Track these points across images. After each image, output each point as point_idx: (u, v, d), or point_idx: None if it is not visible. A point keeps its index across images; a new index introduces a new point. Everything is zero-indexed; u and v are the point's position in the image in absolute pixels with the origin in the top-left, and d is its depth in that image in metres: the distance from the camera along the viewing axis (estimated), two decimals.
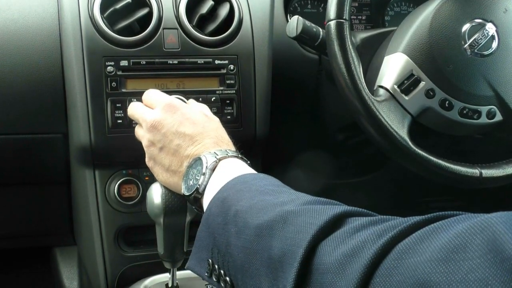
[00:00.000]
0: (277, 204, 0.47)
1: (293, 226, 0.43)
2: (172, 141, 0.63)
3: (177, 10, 0.82)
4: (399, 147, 0.72)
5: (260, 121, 0.86)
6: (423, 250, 0.32)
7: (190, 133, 0.63)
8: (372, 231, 0.38)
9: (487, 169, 0.75)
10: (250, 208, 0.48)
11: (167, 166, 0.64)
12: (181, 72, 0.82)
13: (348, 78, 0.71)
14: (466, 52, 0.73)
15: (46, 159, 0.89)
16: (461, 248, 0.30)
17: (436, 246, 0.32)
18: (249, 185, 0.53)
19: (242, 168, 0.59)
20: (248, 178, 0.55)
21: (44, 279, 1.20)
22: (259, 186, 0.52)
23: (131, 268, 0.87)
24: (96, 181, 0.84)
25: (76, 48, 0.78)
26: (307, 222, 0.42)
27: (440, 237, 0.32)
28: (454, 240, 0.31)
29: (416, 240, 0.34)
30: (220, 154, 0.60)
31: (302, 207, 0.44)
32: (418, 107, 0.74)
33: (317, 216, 0.42)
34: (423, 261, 0.31)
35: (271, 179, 0.56)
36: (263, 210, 0.47)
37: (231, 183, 0.55)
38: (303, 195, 0.49)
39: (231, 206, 0.51)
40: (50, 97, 0.82)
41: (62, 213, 0.99)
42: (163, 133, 0.64)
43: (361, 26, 1.07)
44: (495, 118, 0.77)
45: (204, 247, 0.53)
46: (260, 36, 0.86)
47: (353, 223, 0.40)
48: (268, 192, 0.50)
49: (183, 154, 0.63)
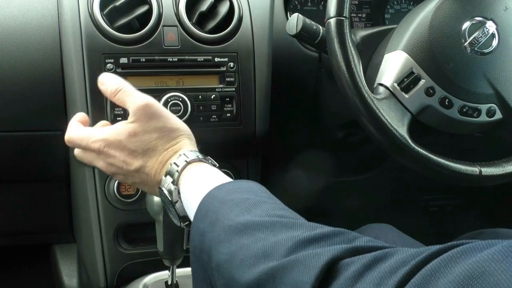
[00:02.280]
0: (258, 255, 0.44)
1: (284, 285, 0.40)
2: (132, 178, 0.65)
3: (177, 8, 0.82)
4: (399, 145, 0.72)
5: (259, 119, 0.86)
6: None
7: (137, 165, 0.63)
8: (369, 281, 0.36)
9: (486, 167, 0.75)
10: (230, 259, 0.46)
11: (137, 183, 0.66)
12: (180, 70, 0.82)
13: (348, 75, 0.71)
14: (466, 50, 0.73)
15: (45, 156, 0.89)
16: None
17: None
18: (221, 217, 0.50)
19: (206, 177, 0.58)
20: (217, 201, 0.53)
21: (43, 277, 1.20)
22: (233, 217, 0.49)
23: (130, 265, 0.87)
24: (95, 179, 0.84)
25: (75, 46, 0.78)
26: (298, 280, 0.39)
27: (438, 285, 0.31)
28: (451, 287, 0.30)
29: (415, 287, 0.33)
30: (180, 164, 0.60)
31: (286, 261, 0.41)
32: (418, 105, 0.74)
33: (306, 270, 0.39)
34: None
35: (240, 193, 0.53)
36: (246, 264, 0.44)
37: (204, 209, 0.53)
38: (284, 230, 0.45)
39: (211, 249, 0.49)
40: (49, 95, 0.82)
41: (62, 211, 0.99)
42: (111, 163, 0.65)
43: (361, 24, 1.07)
44: (495, 116, 0.77)
45: (201, 280, 0.52)
46: (260, 33, 0.86)
47: (347, 271, 0.38)
48: (243, 232, 0.47)
49: (144, 174, 0.63)
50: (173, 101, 0.80)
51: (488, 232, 0.87)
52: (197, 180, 0.58)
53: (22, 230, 1.04)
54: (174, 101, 0.80)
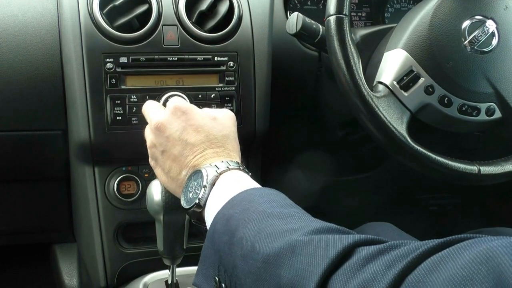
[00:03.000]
0: (286, 231, 0.46)
1: (302, 257, 0.42)
2: (173, 147, 0.62)
3: (176, 7, 0.82)
4: (398, 143, 0.72)
5: (259, 118, 0.86)
6: (433, 283, 0.33)
7: (192, 142, 0.62)
8: (381, 262, 0.38)
9: (485, 166, 0.75)
10: (257, 232, 0.48)
11: (166, 170, 0.64)
12: (180, 69, 0.82)
13: (348, 74, 0.71)
14: (466, 49, 0.73)
15: (45, 156, 0.89)
16: (469, 280, 0.31)
17: (445, 278, 0.33)
18: (255, 205, 0.52)
19: (244, 182, 0.58)
20: (253, 195, 0.54)
21: (43, 276, 1.20)
22: (266, 207, 0.51)
23: (130, 264, 0.87)
24: (95, 178, 0.84)
25: (75, 45, 0.78)
26: (317, 254, 0.41)
27: (447, 268, 0.33)
28: (461, 271, 0.32)
29: (425, 272, 0.35)
30: (221, 168, 0.59)
31: (311, 237, 0.44)
32: (417, 103, 0.74)
33: (327, 247, 0.42)
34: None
35: (277, 195, 0.55)
36: (271, 236, 0.46)
37: (236, 200, 0.54)
38: (312, 221, 0.48)
39: (238, 227, 0.50)
40: (49, 94, 0.82)
41: (62, 210, 0.99)
42: (166, 136, 0.63)
43: (361, 23, 1.07)
44: (494, 115, 0.77)
45: (210, 265, 0.52)
46: (260, 32, 0.86)
47: (362, 252, 0.40)
48: (276, 215, 0.49)
49: (183, 163, 0.62)
50: None
51: (488, 231, 0.87)
52: (235, 181, 0.58)
53: (22, 229, 1.04)
54: None
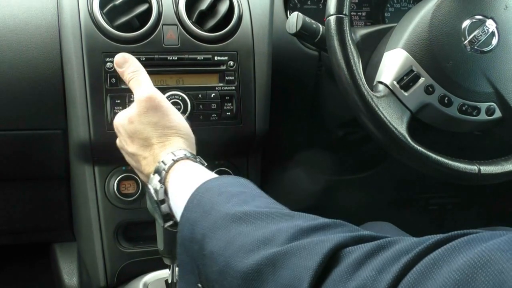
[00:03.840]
0: (259, 241, 0.42)
1: (285, 270, 0.39)
2: (134, 150, 0.66)
3: (176, 6, 0.82)
4: (398, 143, 0.72)
5: (259, 117, 0.86)
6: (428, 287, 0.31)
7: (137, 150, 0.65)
8: (372, 267, 0.35)
9: (485, 165, 0.75)
10: (228, 244, 0.44)
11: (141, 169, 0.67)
12: (180, 69, 0.82)
13: (348, 73, 0.71)
14: (466, 49, 0.73)
15: (45, 155, 0.89)
16: (465, 284, 0.29)
17: (440, 283, 0.30)
18: (216, 207, 0.48)
19: (196, 173, 0.57)
20: (211, 193, 0.51)
21: (43, 275, 1.20)
22: (229, 208, 0.47)
23: (130, 264, 0.87)
24: (95, 177, 0.84)
25: (75, 44, 0.78)
26: (300, 266, 0.38)
27: (441, 273, 0.31)
28: (455, 275, 0.30)
29: (418, 276, 0.32)
30: (167, 163, 0.59)
31: (289, 247, 0.40)
32: (418, 103, 0.74)
33: (310, 256, 0.38)
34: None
35: (233, 186, 0.52)
36: (244, 250, 0.42)
37: (196, 199, 0.51)
38: (281, 220, 0.44)
39: (205, 237, 0.46)
40: (49, 93, 0.82)
41: (62, 209, 0.99)
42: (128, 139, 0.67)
43: (361, 22, 1.07)
44: (494, 115, 0.77)
45: (190, 272, 0.50)
46: (260, 32, 0.86)
47: (350, 257, 0.37)
48: (242, 220, 0.45)
49: (143, 165, 0.65)
50: (173, 99, 0.80)
51: None
52: (186, 177, 0.58)
53: (22, 228, 1.04)
54: (174, 99, 0.80)
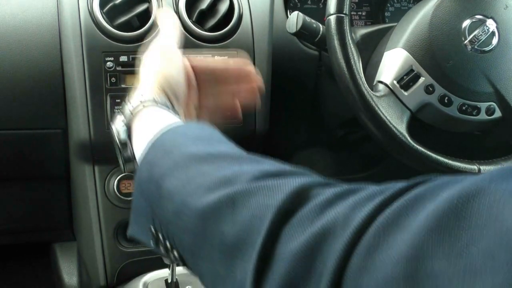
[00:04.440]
0: (221, 181, 0.39)
1: (245, 209, 0.36)
2: None
3: (176, 6, 0.82)
4: (398, 143, 0.72)
5: (259, 117, 0.86)
6: (409, 223, 0.27)
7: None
8: (343, 206, 0.31)
9: (485, 165, 0.75)
10: (186, 183, 0.41)
11: None
12: None
13: (348, 73, 0.71)
14: (466, 48, 0.73)
15: (45, 155, 0.89)
16: (454, 215, 0.25)
17: (423, 216, 0.26)
18: (178, 146, 0.45)
19: (162, 118, 0.52)
20: (176, 133, 0.47)
21: (43, 275, 1.20)
22: (192, 149, 0.44)
23: (130, 263, 0.87)
24: (95, 177, 0.84)
25: (75, 44, 0.78)
26: (261, 204, 0.35)
27: (425, 207, 0.27)
28: (442, 206, 0.26)
29: (399, 212, 0.28)
30: (134, 107, 0.54)
31: (252, 185, 0.37)
32: (417, 102, 0.74)
33: (272, 194, 0.35)
34: (411, 235, 0.26)
35: (202, 129, 0.49)
36: (203, 188, 0.39)
37: (159, 142, 0.47)
38: (247, 163, 0.41)
39: (163, 176, 0.43)
40: (49, 93, 0.82)
41: (62, 209, 0.99)
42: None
43: (361, 22, 1.07)
44: (494, 115, 0.77)
45: (143, 214, 0.46)
46: (260, 31, 0.86)
47: (318, 198, 0.33)
48: (205, 159, 0.42)
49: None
50: None
51: None
52: (153, 120, 0.53)
53: (22, 228, 1.04)
54: None
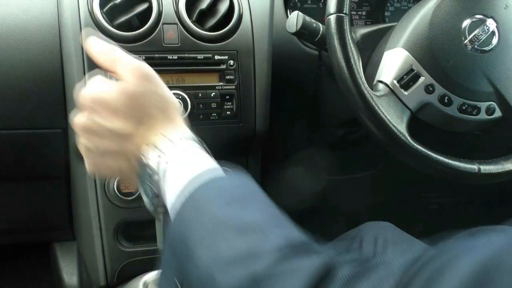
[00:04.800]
0: (247, 255, 0.41)
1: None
2: (107, 142, 0.55)
3: (176, 5, 0.82)
4: (398, 142, 0.72)
5: (259, 116, 0.86)
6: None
7: (121, 127, 0.54)
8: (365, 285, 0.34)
9: (485, 165, 0.75)
10: (214, 255, 0.43)
11: (116, 169, 0.58)
12: (180, 68, 0.82)
13: (348, 72, 0.71)
14: (466, 48, 0.73)
15: (45, 154, 0.89)
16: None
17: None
18: (211, 208, 0.47)
19: (196, 162, 0.52)
20: (211, 189, 0.48)
21: (43, 275, 1.20)
22: (225, 213, 0.46)
23: (130, 263, 0.87)
24: (95, 176, 0.84)
25: (75, 43, 0.78)
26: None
27: (446, 279, 0.27)
28: (466, 281, 0.26)
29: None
30: (164, 149, 0.53)
31: (276, 268, 0.39)
32: (417, 102, 0.74)
33: (296, 279, 0.38)
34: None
35: (237, 185, 0.50)
36: (230, 264, 0.41)
37: (192, 199, 0.48)
38: (274, 232, 0.44)
39: (195, 242, 0.45)
40: (49, 92, 0.82)
41: (62, 209, 0.99)
42: (92, 137, 0.57)
43: (361, 21, 1.07)
44: (494, 114, 0.77)
45: (171, 267, 0.49)
46: (260, 31, 0.86)
47: (340, 280, 0.37)
48: (235, 228, 0.44)
49: (124, 154, 0.56)
50: None
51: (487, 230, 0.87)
52: (188, 159, 0.53)
53: (22, 228, 1.04)
54: None
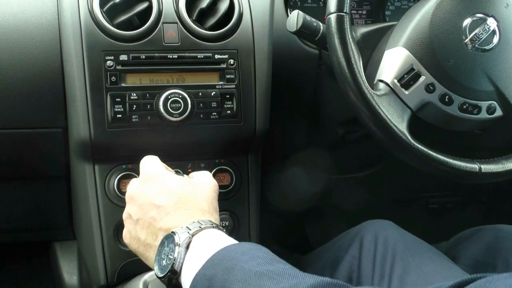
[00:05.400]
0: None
1: None
2: (147, 213, 0.62)
3: (176, 4, 0.82)
4: (399, 142, 0.72)
5: (260, 116, 0.86)
6: None
7: (165, 204, 0.61)
8: None
9: (486, 164, 0.75)
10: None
11: (142, 239, 0.62)
12: (181, 67, 0.82)
13: (348, 72, 0.70)
14: (467, 47, 0.73)
15: (46, 154, 0.89)
16: None
17: None
18: (239, 263, 0.49)
19: (221, 239, 0.56)
20: (235, 252, 0.51)
21: (43, 274, 1.20)
22: (252, 265, 0.48)
23: (131, 262, 0.87)
24: (95, 176, 0.84)
25: (75, 43, 0.77)
26: None
27: None
28: None
29: None
30: (193, 229, 0.57)
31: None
32: (418, 101, 0.74)
33: None
34: None
35: (259, 250, 0.52)
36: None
37: (217, 258, 0.51)
38: (304, 277, 0.46)
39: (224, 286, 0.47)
40: (49, 92, 0.82)
41: (62, 208, 0.99)
42: (139, 204, 0.63)
43: (361, 21, 1.07)
44: (495, 114, 0.77)
45: None
46: (260, 30, 0.85)
47: None
48: (265, 274, 0.46)
49: (157, 227, 0.60)
50: (173, 98, 0.80)
51: (488, 229, 0.87)
52: (211, 240, 0.56)
53: (22, 227, 1.04)
54: (174, 98, 0.80)
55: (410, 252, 0.74)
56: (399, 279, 0.69)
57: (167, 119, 0.79)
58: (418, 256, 0.73)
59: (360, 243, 0.79)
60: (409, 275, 0.69)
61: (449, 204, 1.39)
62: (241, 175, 0.90)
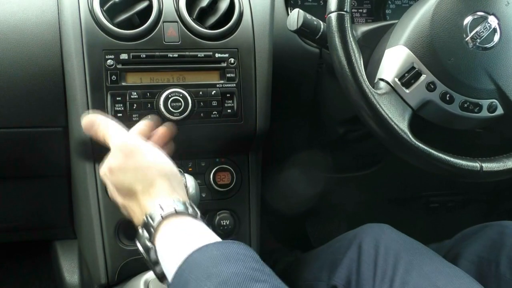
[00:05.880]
0: None
1: None
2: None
3: (177, 3, 0.82)
4: (400, 140, 0.71)
5: (260, 115, 0.86)
6: None
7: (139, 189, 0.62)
8: None
9: (487, 162, 0.75)
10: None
11: (127, 185, 0.63)
12: (181, 66, 0.82)
13: (349, 70, 0.70)
14: (468, 45, 0.73)
15: (46, 153, 0.89)
16: None
17: None
18: (211, 275, 0.47)
19: (194, 233, 0.55)
20: (199, 272, 0.48)
21: (44, 273, 1.20)
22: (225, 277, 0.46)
23: (131, 261, 0.87)
24: (96, 175, 0.84)
25: (76, 42, 0.77)
26: None
27: None
28: None
29: None
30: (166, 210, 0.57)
31: None
32: (419, 100, 0.74)
33: None
34: None
35: (227, 265, 0.49)
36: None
37: (183, 279, 0.49)
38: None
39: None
40: (50, 91, 0.82)
41: (63, 207, 0.99)
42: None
43: (362, 19, 1.07)
44: (496, 112, 0.77)
45: None
46: (261, 29, 0.85)
47: None
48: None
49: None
50: (174, 97, 0.80)
51: (493, 225, 0.87)
52: (175, 238, 0.55)
53: (23, 226, 1.04)
54: (174, 97, 0.80)
55: (410, 253, 0.74)
56: (401, 280, 0.69)
57: (168, 118, 0.79)
58: (418, 256, 0.73)
59: (359, 246, 0.79)
60: (411, 275, 0.70)
61: (450, 203, 1.39)
62: (242, 174, 0.90)
